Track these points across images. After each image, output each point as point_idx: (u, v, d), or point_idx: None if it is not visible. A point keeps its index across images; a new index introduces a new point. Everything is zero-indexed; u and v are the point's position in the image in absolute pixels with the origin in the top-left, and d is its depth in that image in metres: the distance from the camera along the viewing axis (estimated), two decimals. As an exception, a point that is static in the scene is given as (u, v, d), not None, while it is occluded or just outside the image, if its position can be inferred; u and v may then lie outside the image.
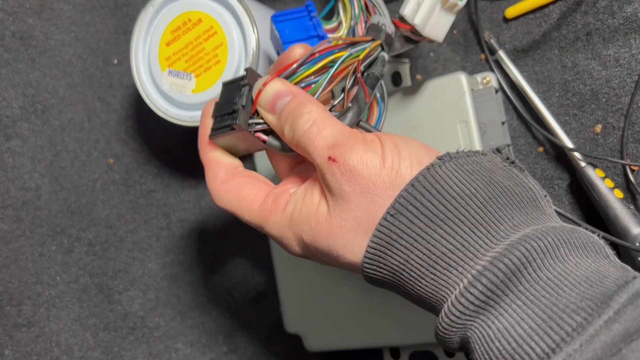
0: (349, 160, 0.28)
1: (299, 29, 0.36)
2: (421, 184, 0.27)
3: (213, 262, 0.55)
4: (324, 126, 0.29)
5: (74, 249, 0.57)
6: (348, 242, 0.28)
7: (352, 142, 0.28)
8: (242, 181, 0.33)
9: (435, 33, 0.38)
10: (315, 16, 0.37)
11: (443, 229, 0.26)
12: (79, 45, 0.58)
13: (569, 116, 0.44)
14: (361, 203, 0.28)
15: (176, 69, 0.45)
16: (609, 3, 0.43)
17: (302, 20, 0.37)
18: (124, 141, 0.57)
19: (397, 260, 0.27)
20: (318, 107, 0.30)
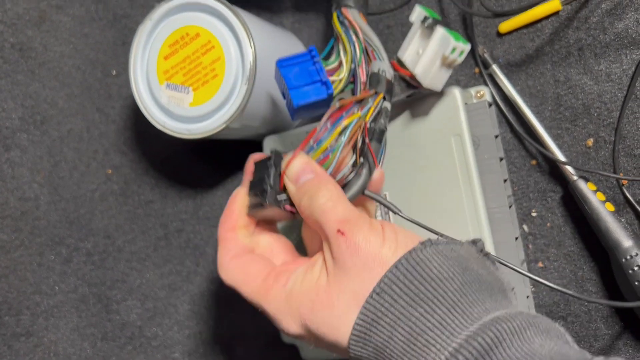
0: (355, 236, 0.31)
1: (303, 74, 0.39)
2: (403, 266, 0.30)
3: (210, 272, 0.55)
4: (338, 203, 0.33)
5: (73, 259, 0.58)
6: (342, 314, 0.30)
7: (360, 221, 0.32)
8: (250, 258, 0.36)
9: (435, 85, 0.40)
10: (318, 61, 0.39)
11: (423, 307, 0.28)
12: (78, 57, 0.58)
13: (562, 130, 0.45)
14: (359, 276, 0.30)
15: (174, 82, 0.45)
16: (600, 19, 0.43)
17: (306, 64, 0.39)
18: (123, 152, 0.58)
19: (382, 337, 0.29)
20: (335, 188, 0.34)
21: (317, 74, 0.38)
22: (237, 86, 0.44)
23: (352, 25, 0.41)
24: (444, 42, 0.38)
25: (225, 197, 0.55)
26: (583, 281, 0.45)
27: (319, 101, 0.38)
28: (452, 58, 0.39)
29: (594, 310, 0.44)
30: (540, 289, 0.46)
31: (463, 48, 0.38)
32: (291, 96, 0.38)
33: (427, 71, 0.39)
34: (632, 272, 0.40)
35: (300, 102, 0.38)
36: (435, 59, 0.39)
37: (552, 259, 0.46)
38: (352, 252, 0.31)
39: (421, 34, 0.40)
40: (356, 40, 0.40)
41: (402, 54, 0.41)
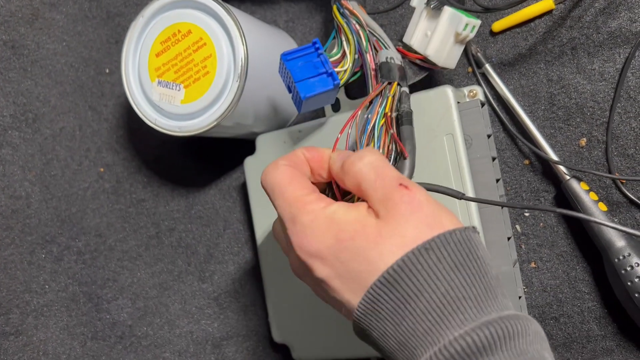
0: (418, 193, 0.30)
1: (308, 66, 0.39)
2: (457, 236, 0.30)
3: (202, 272, 0.55)
4: (389, 167, 0.32)
5: (64, 258, 0.57)
6: (384, 252, 0.29)
7: (416, 185, 0.32)
8: (302, 174, 0.35)
9: (450, 62, 0.41)
10: (323, 53, 0.39)
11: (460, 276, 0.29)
12: (70, 55, 0.58)
13: (555, 129, 0.45)
14: (416, 227, 0.30)
15: (166, 79, 0.45)
16: (593, 18, 0.43)
17: (310, 57, 0.39)
18: (115, 150, 0.57)
19: (412, 289, 0.29)
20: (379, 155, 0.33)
21: (323, 65, 0.39)
22: (228, 84, 0.44)
23: (354, 14, 0.41)
24: (455, 19, 0.39)
25: (218, 197, 0.55)
26: (576, 281, 0.44)
27: (325, 92, 0.39)
28: (464, 34, 0.39)
29: (587, 311, 0.44)
30: (533, 290, 0.46)
31: (474, 23, 0.39)
32: (298, 89, 0.38)
33: (440, 50, 0.40)
34: (625, 272, 0.39)
35: (308, 94, 0.38)
36: (447, 38, 0.40)
37: (545, 259, 0.45)
38: (415, 206, 0.30)
39: (427, 15, 0.41)
40: (359, 28, 0.41)
41: (408, 39, 0.41)
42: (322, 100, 0.40)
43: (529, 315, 0.31)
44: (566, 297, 0.45)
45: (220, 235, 0.55)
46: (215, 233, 0.55)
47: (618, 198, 0.43)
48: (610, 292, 0.43)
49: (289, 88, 0.40)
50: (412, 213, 0.30)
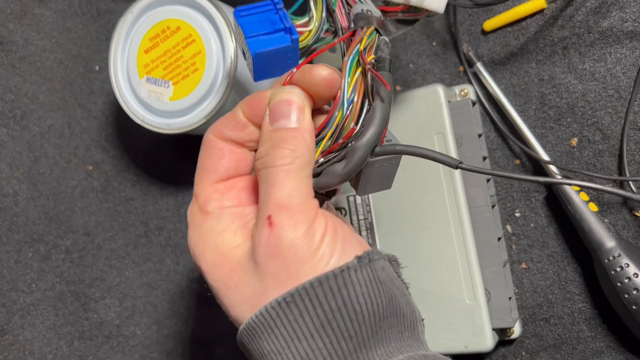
0: (283, 236, 0.26)
1: (263, 22, 0.33)
2: (329, 284, 0.25)
3: (190, 271, 0.55)
4: (292, 177, 0.27)
5: (51, 256, 0.57)
6: (240, 308, 0.27)
7: (299, 215, 0.26)
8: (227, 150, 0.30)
9: (436, 3, 0.35)
10: (282, 8, 0.33)
11: (329, 338, 0.25)
12: (60, 51, 0.58)
13: (546, 129, 0.44)
14: (275, 276, 0.26)
15: (154, 76, 0.45)
16: (585, 18, 0.43)
17: (268, 14, 0.33)
18: (104, 148, 0.57)
19: (273, 346, 0.25)
20: (305, 153, 0.27)
21: (280, 21, 0.32)
22: (217, 81, 0.43)
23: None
24: None
25: (207, 195, 0.54)
26: (566, 282, 0.44)
27: (282, 49, 0.32)
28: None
29: (577, 312, 0.44)
30: (523, 291, 0.45)
31: None
32: (248, 45, 0.31)
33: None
34: (615, 272, 0.39)
35: (259, 50, 0.31)
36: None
37: (535, 260, 0.45)
38: (272, 251, 0.26)
39: None
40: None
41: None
42: (280, 62, 0.33)
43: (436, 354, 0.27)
44: (556, 298, 0.44)
45: (209, 234, 0.54)
46: (205, 232, 0.54)
47: (609, 198, 0.43)
48: (600, 293, 0.42)
49: (243, 54, 0.34)
50: (271, 259, 0.26)
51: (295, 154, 0.27)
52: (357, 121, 0.29)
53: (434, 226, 0.42)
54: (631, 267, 0.39)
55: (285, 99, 0.28)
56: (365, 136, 0.27)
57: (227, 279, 0.27)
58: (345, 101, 0.29)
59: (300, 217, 0.26)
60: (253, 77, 0.33)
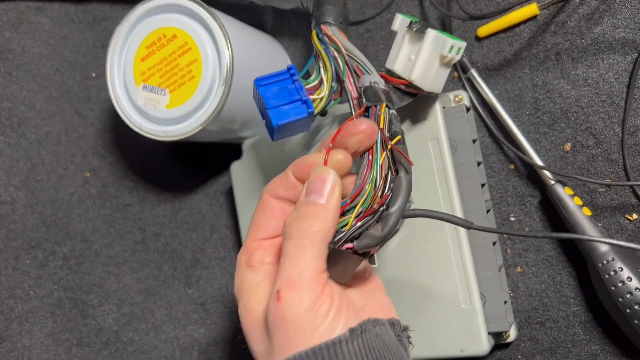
0: (288, 311, 0.29)
1: (282, 93, 0.37)
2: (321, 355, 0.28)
3: (188, 277, 0.55)
4: (307, 251, 0.30)
5: (49, 263, 0.57)
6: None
7: (305, 292, 0.29)
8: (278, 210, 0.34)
9: (436, 87, 0.39)
10: (297, 79, 0.37)
11: None
12: (56, 59, 0.58)
13: (540, 134, 0.45)
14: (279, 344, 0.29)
15: (151, 84, 0.45)
16: (577, 24, 0.43)
17: (285, 82, 0.37)
18: (101, 155, 0.57)
19: None
20: (322, 228, 0.31)
21: (297, 92, 0.37)
22: (214, 88, 0.43)
23: (333, 41, 0.40)
24: (439, 42, 0.38)
25: (205, 201, 0.55)
26: (561, 286, 0.45)
27: (299, 120, 0.37)
28: (450, 57, 0.38)
29: (572, 316, 0.44)
30: (519, 294, 0.46)
31: (460, 45, 0.38)
32: (270, 116, 0.36)
33: (425, 75, 0.38)
34: (609, 276, 0.39)
35: (280, 122, 0.36)
36: (432, 61, 0.38)
37: (530, 264, 0.45)
38: (278, 322, 0.29)
39: (410, 39, 0.39)
40: (338, 55, 0.39)
41: (391, 64, 0.40)
42: (296, 128, 0.38)
43: None
44: (552, 302, 0.45)
45: (206, 240, 0.55)
46: (202, 238, 0.55)
47: (602, 202, 0.43)
48: (595, 297, 0.43)
49: (262, 114, 0.38)
50: (277, 328, 0.29)
51: (313, 229, 0.30)
52: (384, 189, 0.33)
53: (429, 231, 0.43)
54: (625, 270, 0.39)
55: (321, 177, 0.32)
56: (397, 203, 0.32)
57: (250, 331, 0.31)
58: (377, 177, 0.33)
59: (307, 294, 0.29)
60: (271, 138, 0.38)
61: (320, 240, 0.30)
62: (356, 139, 0.33)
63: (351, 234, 0.32)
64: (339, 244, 0.32)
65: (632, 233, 0.42)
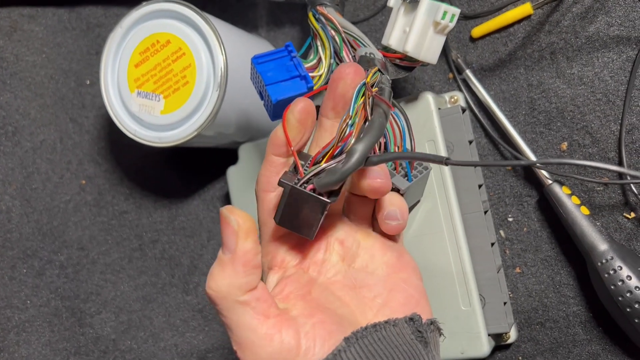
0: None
1: (280, 69, 0.37)
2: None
3: (186, 283, 0.54)
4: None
5: (45, 272, 0.56)
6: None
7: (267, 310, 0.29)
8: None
9: (430, 56, 0.39)
10: (296, 56, 0.37)
11: None
12: (50, 67, 0.58)
13: (536, 134, 0.45)
14: None
15: (145, 90, 0.45)
16: (571, 23, 0.43)
17: (283, 60, 0.37)
18: (97, 162, 0.57)
19: None
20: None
21: (295, 68, 0.37)
22: (208, 93, 0.43)
23: (330, 20, 0.40)
24: (433, 9, 0.38)
25: (202, 207, 0.54)
26: (560, 286, 0.44)
27: (298, 96, 0.35)
28: (444, 23, 0.38)
29: (572, 316, 0.44)
30: (518, 295, 0.46)
31: (454, 11, 0.38)
32: (269, 92, 0.36)
33: (419, 44, 0.38)
34: (608, 275, 0.39)
35: (279, 97, 0.35)
36: (426, 29, 0.38)
37: (529, 264, 0.45)
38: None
39: (405, 12, 0.39)
40: (335, 33, 0.39)
41: (386, 40, 0.40)
42: None
43: None
44: (551, 302, 0.45)
45: (204, 246, 0.54)
46: (199, 244, 0.54)
47: (600, 201, 0.43)
48: (595, 296, 0.42)
49: (260, 94, 0.38)
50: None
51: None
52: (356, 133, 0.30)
53: (428, 233, 0.43)
54: (624, 269, 0.39)
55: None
56: (364, 140, 0.29)
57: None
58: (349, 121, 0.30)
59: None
60: (270, 117, 0.37)
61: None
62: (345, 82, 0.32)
63: (312, 174, 0.30)
64: (299, 185, 0.29)
65: (630, 231, 0.42)
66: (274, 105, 0.36)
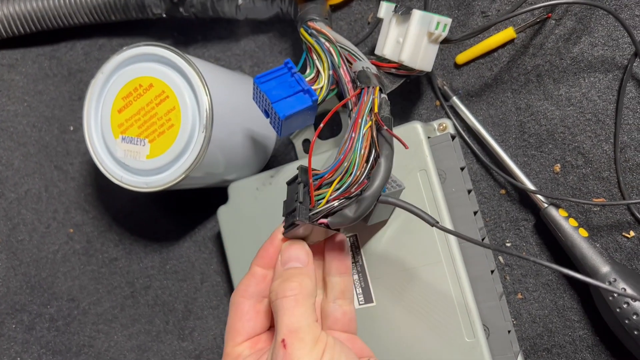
0: (294, 355, 0.31)
1: (283, 86, 0.38)
2: None
3: (181, 329, 0.53)
4: (299, 305, 0.33)
5: (35, 326, 0.55)
6: None
7: (307, 337, 0.32)
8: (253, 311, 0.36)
9: (425, 65, 0.41)
10: (296, 72, 0.38)
11: None
12: (32, 115, 0.57)
13: (528, 157, 0.44)
14: None
15: (129, 135, 0.44)
16: (555, 45, 0.43)
17: (285, 77, 0.38)
18: (84, 209, 0.56)
19: None
20: (308, 285, 0.34)
21: (298, 83, 0.38)
22: (194, 135, 0.43)
23: (323, 33, 0.41)
24: (426, 20, 0.39)
25: (193, 249, 0.53)
26: (564, 310, 0.43)
27: (304, 110, 0.38)
28: (437, 33, 0.39)
29: (578, 340, 0.43)
30: (522, 322, 0.44)
31: (446, 21, 0.39)
32: (276, 110, 0.37)
33: (415, 54, 0.40)
34: (613, 298, 0.38)
35: (287, 113, 0.37)
36: (420, 39, 0.40)
37: (531, 289, 0.44)
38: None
39: (397, 23, 0.41)
40: (330, 45, 0.40)
41: (380, 50, 0.41)
42: (302, 120, 0.39)
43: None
44: (556, 327, 0.44)
45: (197, 289, 0.53)
46: (193, 287, 0.53)
47: (598, 222, 0.42)
48: (600, 319, 0.42)
49: (266, 112, 0.39)
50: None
51: (302, 286, 0.34)
52: (364, 171, 0.34)
53: (426, 264, 0.42)
54: (628, 291, 0.38)
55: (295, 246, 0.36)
56: (371, 189, 0.33)
57: None
58: (357, 159, 0.33)
59: (308, 338, 0.32)
60: (278, 134, 0.38)
61: (309, 295, 0.34)
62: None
63: (328, 212, 0.34)
64: (315, 219, 0.33)
65: (631, 250, 0.42)
66: (282, 122, 0.37)
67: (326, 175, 0.34)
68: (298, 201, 0.34)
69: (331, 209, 0.33)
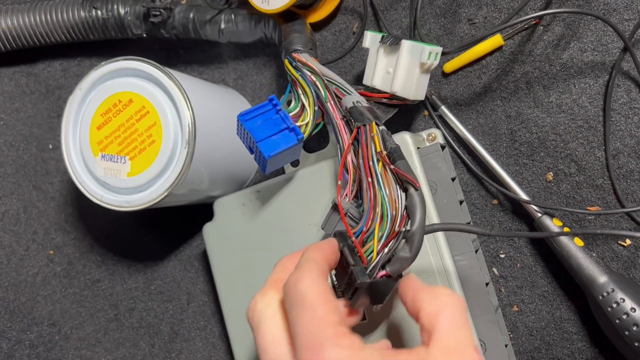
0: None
1: (268, 123, 0.37)
2: None
3: (167, 352, 0.51)
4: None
5: (15, 354, 0.53)
6: None
7: None
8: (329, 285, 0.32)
9: (419, 94, 0.40)
10: (281, 109, 0.37)
11: None
12: (9, 134, 0.55)
13: (519, 166, 0.43)
14: None
15: (109, 152, 0.43)
16: (543, 51, 0.42)
17: (269, 114, 0.38)
18: (65, 230, 0.54)
19: None
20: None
21: (283, 121, 0.37)
22: (177, 151, 0.41)
23: (308, 66, 0.40)
24: (416, 50, 0.39)
25: (178, 268, 0.51)
26: (562, 322, 0.42)
27: (289, 148, 0.37)
28: (429, 63, 0.39)
29: (577, 353, 0.42)
30: (519, 335, 0.43)
31: (437, 50, 0.39)
32: (261, 149, 0.36)
33: (408, 84, 0.39)
34: (611, 309, 0.37)
35: (272, 153, 0.36)
36: (412, 70, 0.39)
37: (527, 301, 0.43)
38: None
39: (385, 53, 0.40)
40: (316, 79, 0.39)
41: (369, 81, 0.41)
42: (287, 157, 0.38)
43: None
44: (554, 340, 0.42)
45: (184, 310, 0.51)
46: (179, 308, 0.51)
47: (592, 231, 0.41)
48: (598, 330, 0.41)
49: (250, 149, 0.38)
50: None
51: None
52: (399, 206, 0.33)
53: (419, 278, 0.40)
54: (627, 302, 0.37)
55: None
56: (417, 221, 0.32)
57: None
58: (385, 200, 0.32)
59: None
60: (263, 172, 0.38)
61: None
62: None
63: (383, 261, 0.32)
64: (374, 274, 0.32)
65: (627, 259, 0.41)
66: (267, 162, 0.36)
67: (364, 229, 0.33)
68: (350, 266, 0.31)
69: (385, 257, 0.32)
